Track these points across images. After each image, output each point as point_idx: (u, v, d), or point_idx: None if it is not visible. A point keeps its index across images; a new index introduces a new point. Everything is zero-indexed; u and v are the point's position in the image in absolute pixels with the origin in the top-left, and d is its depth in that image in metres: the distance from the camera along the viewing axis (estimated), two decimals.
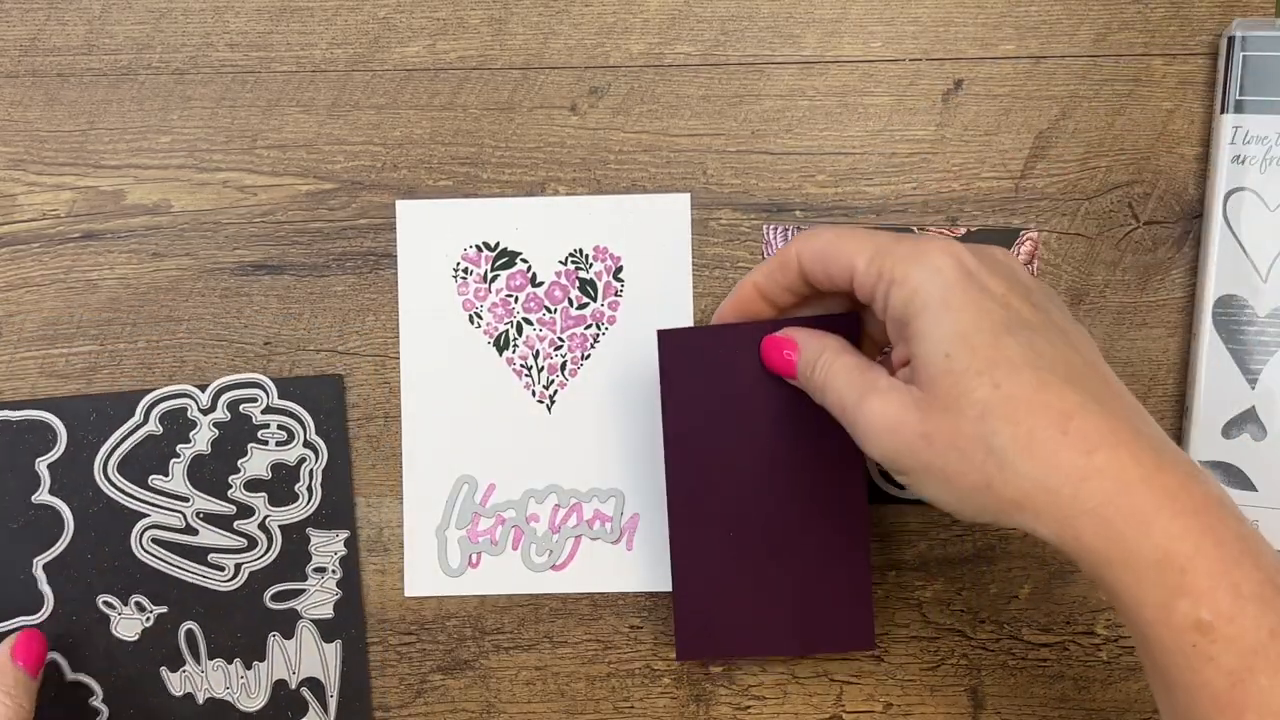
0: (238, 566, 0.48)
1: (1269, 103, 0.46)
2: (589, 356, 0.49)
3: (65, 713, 0.47)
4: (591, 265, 0.49)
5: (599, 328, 0.49)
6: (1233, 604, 0.33)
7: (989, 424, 0.35)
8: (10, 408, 0.48)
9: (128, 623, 0.47)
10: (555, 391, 0.49)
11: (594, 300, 0.49)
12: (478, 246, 0.49)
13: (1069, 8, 0.48)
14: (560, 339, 0.49)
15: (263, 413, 0.48)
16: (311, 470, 0.48)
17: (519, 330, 0.49)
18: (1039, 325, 0.37)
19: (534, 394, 0.49)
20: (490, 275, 0.49)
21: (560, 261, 0.49)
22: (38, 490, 0.47)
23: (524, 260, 0.49)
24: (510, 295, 0.49)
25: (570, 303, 0.49)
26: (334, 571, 0.48)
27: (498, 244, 0.49)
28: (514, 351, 0.49)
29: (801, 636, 0.46)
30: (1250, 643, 0.32)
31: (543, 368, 0.49)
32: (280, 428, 0.48)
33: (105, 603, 0.47)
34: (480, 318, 0.49)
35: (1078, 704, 0.49)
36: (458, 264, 0.49)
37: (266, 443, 0.48)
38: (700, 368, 0.46)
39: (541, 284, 0.49)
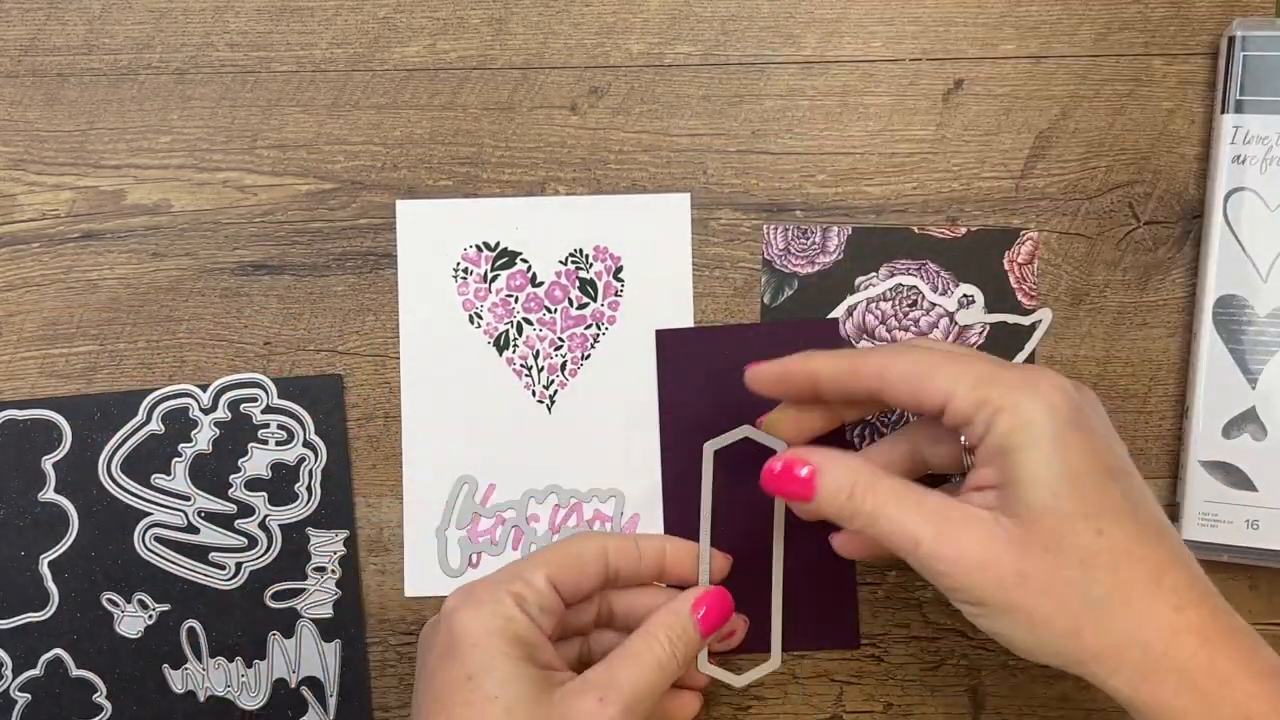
0: (238, 565, 0.51)
1: (1269, 103, 0.49)
2: (589, 356, 0.52)
3: (68, 709, 0.50)
4: (591, 265, 0.52)
5: (599, 328, 0.52)
6: None
7: (1091, 571, 0.37)
8: (16, 407, 0.51)
9: (131, 620, 0.50)
10: (555, 391, 0.52)
11: (594, 300, 0.52)
12: (478, 246, 0.52)
13: (1069, 8, 0.51)
14: (560, 339, 0.52)
15: (263, 412, 0.51)
16: (311, 470, 0.51)
17: (519, 330, 0.52)
18: (1130, 471, 0.40)
19: (534, 394, 0.52)
20: (490, 275, 0.52)
21: (560, 261, 0.52)
22: (43, 488, 0.50)
23: (524, 260, 0.52)
24: (510, 295, 0.52)
25: (570, 303, 0.52)
26: (333, 571, 0.51)
27: (498, 244, 0.52)
28: (514, 351, 0.52)
29: (790, 634, 0.50)
30: None
31: (543, 368, 0.52)
32: (280, 427, 0.51)
33: (109, 600, 0.50)
34: (480, 318, 0.52)
35: (1078, 704, 0.51)
36: (458, 264, 0.52)
37: (266, 442, 0.51)
38: (697, 368, 0.50)
39: (541, 284, 0.52)
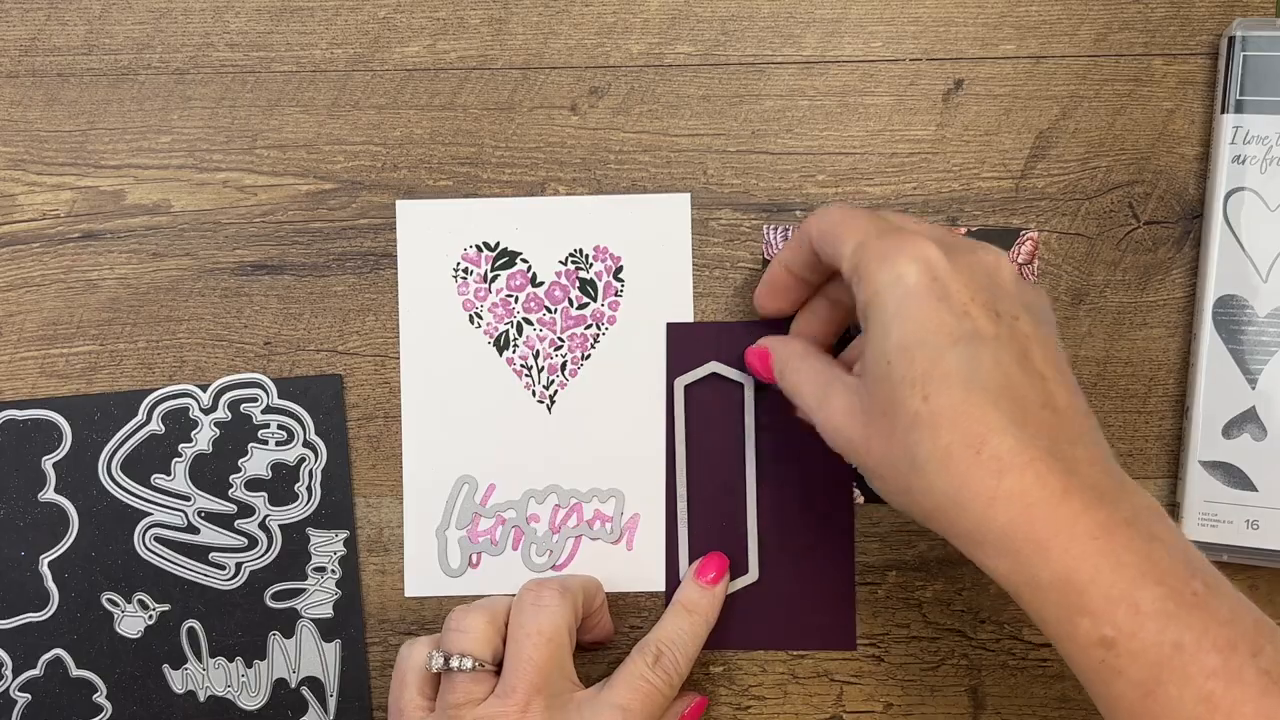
0: (238, 565, 0.52)
1: (1269, 103, 0.50)
2: (589, 356, 0.52)
3: (68, 709, 0.51)
4: (591, 265, 0.53)
5: (599, 328, 0.52)
6: (1132, 621, 0.36)
7: (914, 435, 0.39)
8: (16, 407, 0.51)
9: (131, 620, 0.51)
10: (555, 391, 0.52)
11: (594, 300, 0.52)
12: (478, 246, 0.53)
13: (1069, 8, 0.52)
14: (560, 339, 0.52)
15: (263, 412, 0.52)
16: (311, 470, 0.52)
17: (519, 330, 0.52)
18: (992, 337, 0.39)
19: (534, 394, 0.52)
20: (490, 275, 0.53)
21: (560, 261, 0.52)
22: (43, 489, 0.51)
23: (524, 260, 0.52)
24: (510, 295, 0.52)
25: (570, 303, 0.52)
26: (334, 571, 0.52)
27: (498, 244, 0.53)
28: (514, 351, 0.52)
29: (788, 634, 0.51)
30: (1155, 656, 0.36)
31: (543, 368, 0.53)
32: (280, 427, 0.52)
33: (109, 600, 0.51)
34: (480, 318, 0.53)
35: (1078, 704, 0.52)
36: (458, 264, 0.53)
37: (267, 442, 0.52)
38: (705, 362, 0.51)
39: (541, 284, 0.53)
